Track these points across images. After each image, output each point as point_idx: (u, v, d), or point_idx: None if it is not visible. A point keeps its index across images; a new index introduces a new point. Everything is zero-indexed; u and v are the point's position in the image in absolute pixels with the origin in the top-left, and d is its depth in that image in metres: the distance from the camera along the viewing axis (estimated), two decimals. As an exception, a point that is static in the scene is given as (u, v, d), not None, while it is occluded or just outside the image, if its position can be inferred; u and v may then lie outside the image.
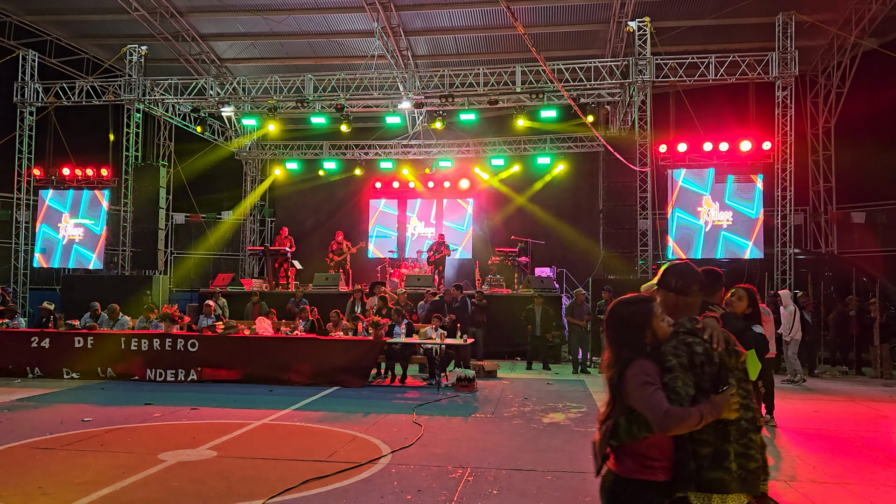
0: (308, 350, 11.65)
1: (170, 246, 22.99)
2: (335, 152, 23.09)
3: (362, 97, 18.19)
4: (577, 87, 16.91)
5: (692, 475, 2.65)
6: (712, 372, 2.67)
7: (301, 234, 20.33)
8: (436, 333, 11.73)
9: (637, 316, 2.81)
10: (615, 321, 2.87)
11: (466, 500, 5.40)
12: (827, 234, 19.96)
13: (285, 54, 20.86)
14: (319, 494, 5.51)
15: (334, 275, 17.33)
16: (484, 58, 19.60)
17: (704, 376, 2.67)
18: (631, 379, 2.69)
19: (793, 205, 15.98)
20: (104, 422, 8.16)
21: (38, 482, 5.70)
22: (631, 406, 2.68)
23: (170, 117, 20.16)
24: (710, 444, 2.64)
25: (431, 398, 10.31)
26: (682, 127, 17.52)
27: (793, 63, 15.66)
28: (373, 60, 18.25)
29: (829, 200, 20.00)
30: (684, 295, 2.88)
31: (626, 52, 17.25)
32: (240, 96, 18.42)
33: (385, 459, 6.63)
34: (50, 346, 11.92)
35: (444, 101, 17.23)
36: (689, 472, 2.65)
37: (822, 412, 9.63)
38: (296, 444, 7.35)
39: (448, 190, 22.81)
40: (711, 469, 2.63)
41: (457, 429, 8.18)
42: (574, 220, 21.18)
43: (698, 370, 2.67)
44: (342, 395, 10.65)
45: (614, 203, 16.60)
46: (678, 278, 2.92)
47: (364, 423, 8.37)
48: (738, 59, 15.90)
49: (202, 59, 20.85)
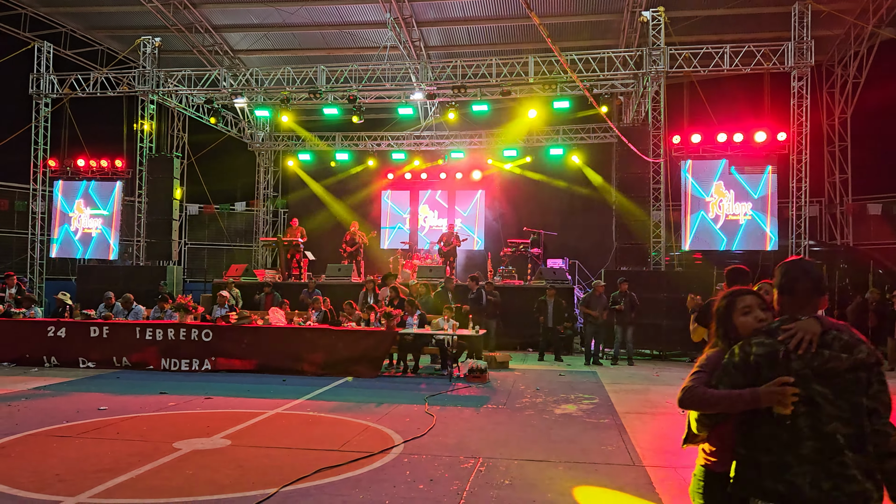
0: (321, 340, 11.70)
1: (183, 237, 23.15)
2: (348, 144, 23.13)
3: (374, 88, 18.19)
4: (591, 78, 16.81)
5: (755, 481, 2.55)
6: (774, 375, 2.49)
7: (313, 225, 20.39)
8: (448, 324, 11.75)
9: (722, 308, 2.86)
10: (709, 311, 3.04)
11: (478, 490, 5.42)
12: (842, 225, 19.80)
13: (298, 45, 20.89)
14: (332, 483, 5.55)
15: (347, 265, 17.38)
16: (496, 48, 19.54)
17: (761, 378, 2.52)
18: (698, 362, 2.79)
19: (808, 196, 15.85)
20: (120, 410, 8.25)
21: (54, 469, 5.78)
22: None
23: (183, 108, 20.27)
24: (772, 452, 2.50)
25: (444, 389, 10.34)
26: (696, 118, 17.40)
27: (809, 53, 15.49)
28: (385, 51, 18.23)
29: (845, 192, 19.82)
30: (789, 294, 2.69)
31: (640, 42, 17.15)
32: (253, 87, 18.47)
33: (397, 449, 6.66)
34: (66, 335, 12.04)
35: (457, 91, 17.19)
36: (751, 477, 2.56)
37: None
38: (309, 433, 7.40)
39: (460, 181, 22.78)
40: (772, 479, 2.48)
41: (469, 419, 8.20)
42: (587, 212, 21.12)
43: (752, 372, 2.55)
44: (355, 385, 10.70)
45: (627, 194, 16.53)
46: (783, 277, 2.74)
47: (376, 413, 8.41)
48: (753, 48, 15.75)
49: (215, 51, 20.91)
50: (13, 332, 12.35)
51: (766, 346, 2.55)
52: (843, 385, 2.45)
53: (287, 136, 23.71)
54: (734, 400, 2.52)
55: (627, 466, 6.21)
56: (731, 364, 2.62)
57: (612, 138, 18.98)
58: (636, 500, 5.26)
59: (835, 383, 2.45)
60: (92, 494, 5.15)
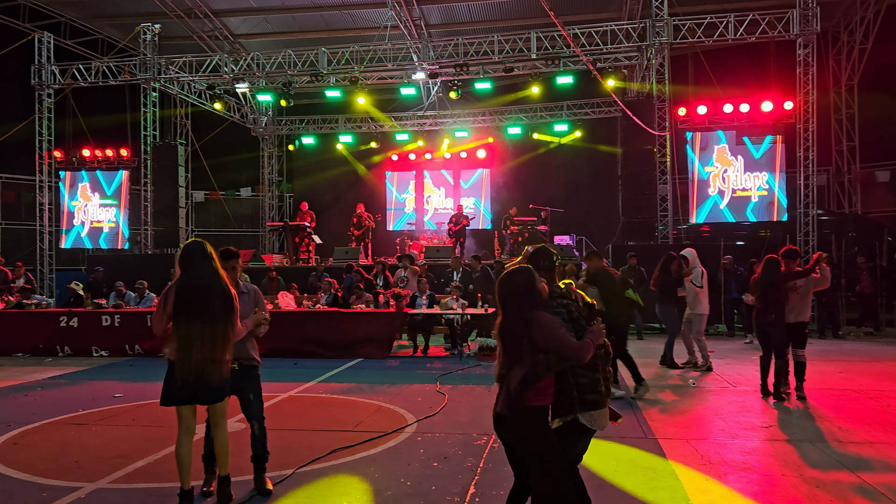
0: (331, 323, 11.77)
1: (190, 224, 23.21)
2: (351, 126, 23.05)
3: (376, 69, 18.08)
4: (594, 52, 16.66)
5: (576, 400, 3.53)
6: (584, 324, 3.60)
7: (319, 208, 20.38)
8: (457, 304, 11.78)
9: (527, 281, 3.56)
10: (513, 287, 3.57)
11: (493, 466, 5.47)
12: (850, 193, 19.63)
13: (298, 28, 20.74)
14: (348, 463, 5.61)
15: (354, 248, 17.41)
16: (498, 25, 19.34)
17: (580, 326, 3.57)
18: (544, 327, 3.43)
19: (815, 165, 15.71)
20: (135, 397, 8.33)
21: (73, 456, 5.86)
22: (546, 347, 3.40)
23: (185, 95, 20.21)
24: (587, 375, 3.54)
25: (454, 368, 10.40)
26: (701, 89, 17.22)
27: (814, 20, 15.27)
28: (386, 31, 18.08)
29: (853, 160, 19.63)
30: (549, 271, 3.80)
31: (643, 14, 16.94)
32: (254, 72, 18.39)
33: (411, 428, 6.72)
34: (78, 325, 12.14)
35: (459, 70, 17.07)
36: (573, 398, 3.53)
37: (847, 373, 9.59)
38: (322, 414, 7.46)
39: (465, 160, 22.69)
40: (590, 393, 3.55)
41: (480, 397, 8.25)
42: (593, 187, 21.04)
43: (576, 322, 3.57)
44: (366, 366, 10.77)
45: (633, 168, 16.45)
46: (544, 259, 3.84)
47: (388, 393, 8.47)
48: (757, 17, 15.55)
49: (215, 36, 20.81)
50: (26, 323, 12.46)
51: (574, 304, 3.65)
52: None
53: (290, 120, 23.64)
54: (594, 342, 3.48)
55: (640, 439, 6.25)
56: (563, 320, 3.52)
57: (617, 112, 18.83)
58: (649, 468, 5.30)
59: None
60: (111, 480, 5.23)
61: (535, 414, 3.48)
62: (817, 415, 7.17)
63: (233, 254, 5.04)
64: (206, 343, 4.38)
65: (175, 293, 4.47)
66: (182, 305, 4.42)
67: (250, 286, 5.29)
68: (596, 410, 3.57)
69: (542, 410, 3.50)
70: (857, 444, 6.06)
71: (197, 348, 4.37)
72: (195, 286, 4.45)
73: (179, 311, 4.43)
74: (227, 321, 4.49)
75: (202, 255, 4.53)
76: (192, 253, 4.55)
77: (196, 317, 4.39)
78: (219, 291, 4.48)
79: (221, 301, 4.47)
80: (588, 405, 3.54)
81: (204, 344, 4.37)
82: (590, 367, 3.53)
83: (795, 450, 5.90)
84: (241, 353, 4.90)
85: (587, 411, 3.55)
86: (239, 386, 4.91)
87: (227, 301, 4.50)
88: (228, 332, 4.50)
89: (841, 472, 5.25)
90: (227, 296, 4.51)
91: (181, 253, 4.65)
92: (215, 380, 4.45)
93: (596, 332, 3.53)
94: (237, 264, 5.05)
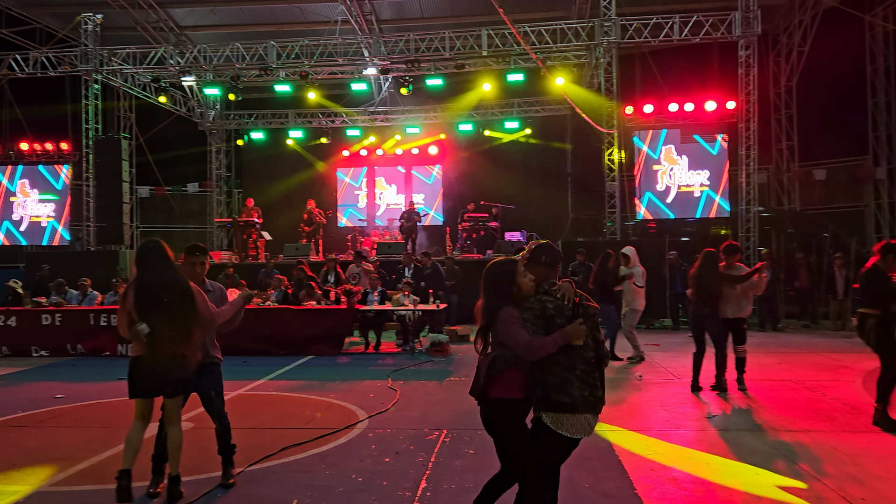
0: (281, 320, 11.64)
1: (135, 220, 22.63)
2: (301, 121, 22.80)
3: (327, 64, 17.92)
4: (544, 50, 16.83)
5: (541, 399, 3.45)
6: (563, 322, 3.43)
7: (269, 204, 20.11)
8: (408, 300, 11.79)
9: (505, 274, 3.59)
10: (491, 277, 3.63)
11: (444, 460, 5.51)
12: (789, 191, 20.33)
13: (246, 21, 20.38)
14: (299, 460, 5.58)
15: (305, 245, 17.24)
16: (449, 21, 19.34)
17: (555, 324, 3.44)
18: (502, 321, 3.48)
19: (756, 163, 16.23)
20: (77, 398, 8.10)
21: (11, 459, 5.68)
22: (502, 341, 3.47)
23: (129, 88, 19.67)
24: (557, 374, 3.41)
25: (406, 364, 10.41)
26: (648, 88, 17.61)
27: (755, 22, 15.75)
28: (336, 26, 17.92)
29: (792, 158, 20.32)
30: (549, 266, 3.66)
31: (592, 13, 17.18)
32: (201, 65, 18.02)
33: (362, 424, 6.71)
34: (17, 324, 11.74)
35: (410, 66, 17.05)
36: (539, 396, 3.46)
37: (785, 364, 9.95)
38: (273, 412, 7.39)
39: (417, 157, 22.69)
40: (557, 393, 3.40)
41: (432, 392, 8.29)
42: (543, 184, 21.26)
43: (549, 320, 3.46)
44: (317, 363, 10.70)
45: (582, 166, 16.72)
46: (546, 254, 3.69)
47: (340, 390, 8.44)
48: (701, 18, 15.96)
49: (160, 28, 20.29)
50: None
51: (554, 302, 3.49)
52: (590, 325, 3.46)
53: (238, 115, 23.25)
54: (557, 342, 3.37)
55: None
56: (533, 316, 3.47)
57: (567, 110, 19.08)
58: (595, 458, 5.41)
59: (588, 324, 3.44)
60: (53, 483, 5.09)
61: (499, 405, 3.52)
62: (757, 405, 7.42)
63: (200, 250, 5.10)
64: (169, 339, 4.48)
65: (133, 293, 4.56)
66: (141, 304, 4.51)
67: (216, 284, 5.34)
68: (564, 413, 3.40)
69: (509, 403, 3.50)
70: (794, 432, 6.30)
71: (160, 345, 4.47)
72: (153, 284, 4.54)
73: (139, 310, 4.50)
74: (189, 317, 4.57)
75: (158, 253, 4.64)
76: (148, 252, 4.66)
77: (157, 315, 4.47)
78: (177, 288, 4.57)
79: (181, 297, 4.55)
80: (555, 406, 3.41)
81: (167, 340, 4.48)
82: (563, 367, 3.40)
83: (736, 438, 6.11)
84: (202, 351, 4.92)
85: (553, 412, 3.42)
86: (200, 383, 4.94)
87: (186, 297, 4.58)
88: (191, 327, 4.58)
89: (778, 461, 5.46)
90: (186, 292, 4.59)
91: (137, 252, 4.77)
92: (180, 374, 4.59)
93: (569, 332, 3.37)
94: (205, 261, 5.11)
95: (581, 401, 3.39)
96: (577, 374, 3.40)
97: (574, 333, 3.36)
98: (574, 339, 3.37)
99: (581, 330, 3.37)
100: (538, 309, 3.48)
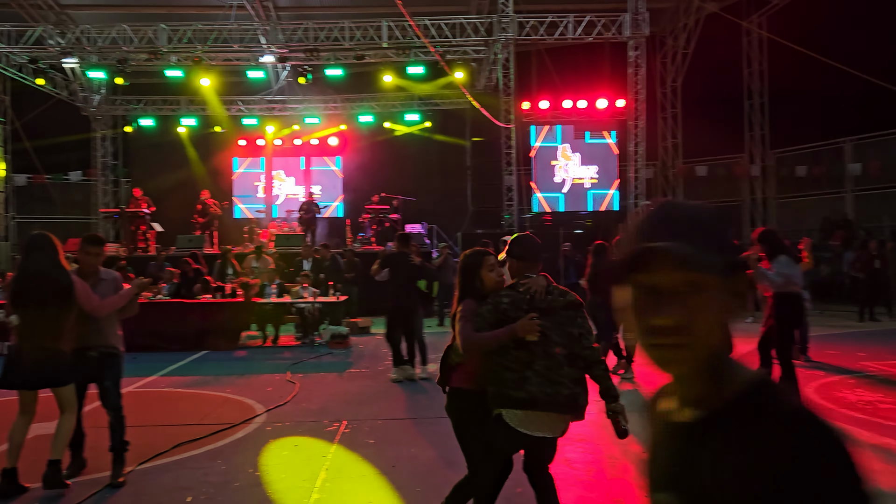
0: (173, 314, 11.25)
1: (10, 210, 21.15)
2: (194, 108, 21.95)
3: (221, 49, 17.34)
4: (443, 44, 16.99)
5: (496, 395, 3.31)
6: (518, 316, 3.28)
7: (160, 194, 19.26)
8: (307, 292, 11.67)
9: (470, 265, 3.58)
10: (459, 269, 3.64)
11: (344, 452, 5.53)
12: (674, 186, 21.48)
13: (134, 1, 19.40)
14: (193, 456, 5.46)
15: (199, 236, 16.68)
16: (349, 11, 19.14)
17: (510, 319, 3.29)
18: (458, 313, 3.45)
19: (644, 159, 17.05)
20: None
21: None
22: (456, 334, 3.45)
23: (3, 69, 18.31)
24: (513, 370, 3.27)
25: (306, 356, 10.32)
26: (544, 85, 18.11)
27: (644, 24, 16.53)
28: (231, 11, 17.38)
29: (676, 155, 21.48)
30: (522, 260, 3.53)
31: (491, 9, 17.50)
32: (84, 46, 17.02)
33: (260, 418, 6.62)
34: None
35: (309, 55, 16.78)
36: (493, 392, 3.33)
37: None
38: (165, 409, 7.16)
39: (316, 147, 22.34)
40: (515, 389, 3.24)
41: (332, 384, 8.28)
42: (443, 176, 21.44)
43: (502, 314, 3.33)
44: (212, 358, 10.43)
45: (480, 159, 17.02)
46: (519, 247, 3.57)
47: (237, 384, 8.27)
48: (594, 19, 16.57)
49: (38, 5, 18.98)
50: None
51: (512, 297, 3.37)
52: (560, 320, 3.34)
53: (126, 100, 22.11)
54: (499, 337, 3.27)
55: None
56: (486, 311, 3.38)
57: (466, 104, 19.35)
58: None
59: (554, 319, 3.33)
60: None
61: (456, 395, 3.60)
62: (645, 390, 7.86)
63: (97, 240, 5.11)
64: (39, 330, 4.51)
65: (11, 282, 4.71)
66: (16, 295, 4.59)
67: (110, 272, 5.29)
68: (523, 410, 3.23)
69: (466, 393, 3.52)
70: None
71: (30, 335, 4.51)
72: (29, 276, 4.60)
73: (12, 301, 4.60)
74: (62, 309, 4.57)
75: (39, 245, 4.66)
76: (29, 244, 4.76)
77: (30, 305, 4.53)
78: (53, 281, 4.58)
79: (55, 290, 4.56)
80: (513, 402, 3.24)
81: (36, 331, 4.51)
82: (521, 362, 3.24)
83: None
84: (101, 341, 4.92)
85: (511, 408, 3.25)
86: (97, 374, 4.92)
87: (62, 290, 4.58)
88: (62, 320, 4.58)
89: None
90: (63, 285, 4.59)
91: (23, 245, 4.95)
92: (50, 366, 4.56)
93: (516, 327, 3.22)
94: (101, 251, 5.09)
95: (541, 397, 3.20)
96: (536, 370, 3.22)
97: (522, 328, 3.21)
98: (523, 334, 3.21)
99: (531, 325, 3.21)
100: (492, 303, 3.40)
